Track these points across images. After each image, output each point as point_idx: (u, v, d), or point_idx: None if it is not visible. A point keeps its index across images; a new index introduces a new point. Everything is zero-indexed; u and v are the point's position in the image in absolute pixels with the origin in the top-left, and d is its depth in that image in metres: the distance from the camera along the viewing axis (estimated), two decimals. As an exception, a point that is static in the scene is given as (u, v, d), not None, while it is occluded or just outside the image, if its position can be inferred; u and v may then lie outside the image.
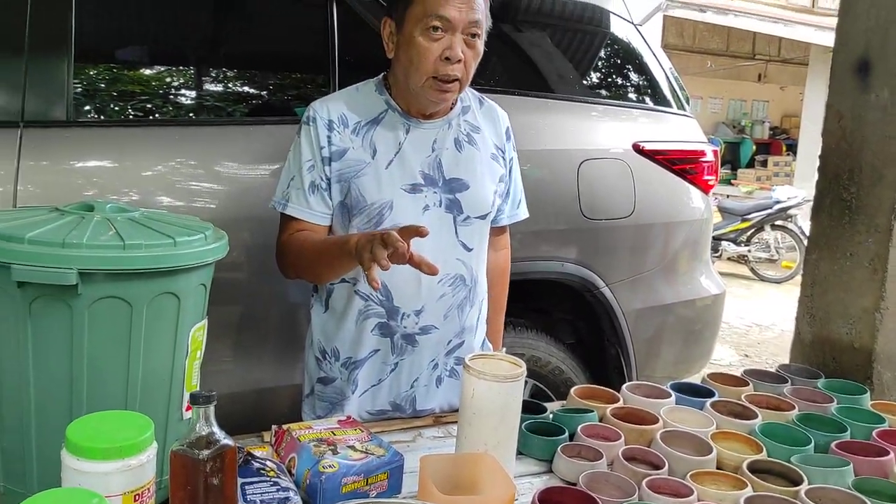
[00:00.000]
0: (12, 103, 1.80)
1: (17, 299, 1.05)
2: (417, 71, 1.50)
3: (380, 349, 1.62)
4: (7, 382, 1.09)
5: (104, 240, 1.07)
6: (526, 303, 2.63)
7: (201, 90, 2.25)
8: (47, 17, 1.84)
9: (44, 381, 1.08)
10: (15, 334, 1.06)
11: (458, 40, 1.48)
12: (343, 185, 1.55)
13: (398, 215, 1.55)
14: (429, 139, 1.60)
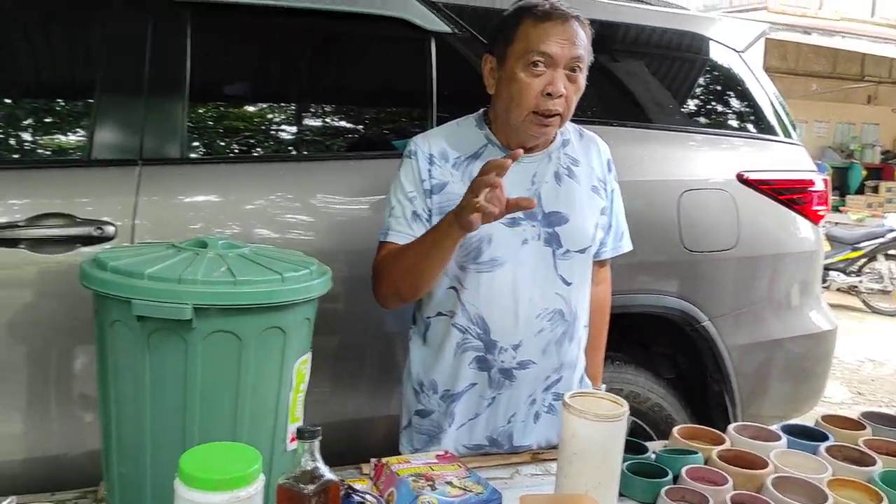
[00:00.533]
0: (132, 142, 1.90)
1: (136, 332, 1.10)
2: (519, 106, 1.50)
3: (477, 383, 1.61)
4: (126, 411, 1.14)
5: (217, 276, 1.12)
6: (624, 337, 2.57)
7: (301, 125, 2.33)
8: (165, 61, 1.95)
9: (159, 411, 1.13)
10: (134, 365, 1.12)
11: (559, 76, 1.48)
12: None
13: (497, 248, 1.55)
14: (528, 173, 1.60)
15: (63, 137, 2.08)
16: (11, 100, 2.06)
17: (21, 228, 1.76)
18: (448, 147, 1.60)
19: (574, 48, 1.48)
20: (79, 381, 1.85)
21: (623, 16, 2.58)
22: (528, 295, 1.57)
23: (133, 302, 1.07)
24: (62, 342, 1.84)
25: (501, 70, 1.54)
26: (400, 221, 1.57)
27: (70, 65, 2.07)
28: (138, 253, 1.21)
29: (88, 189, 1.86)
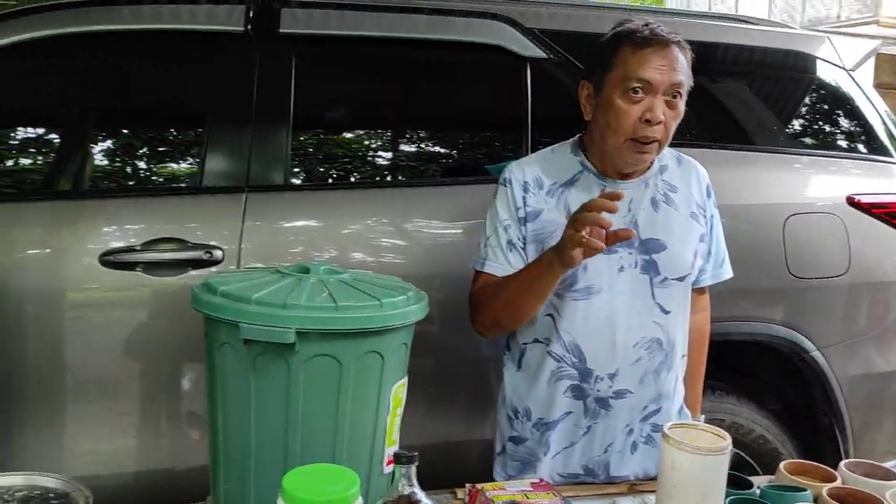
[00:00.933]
0: (239, 170, 1.99)
1: (243, 354, 1.15)
2: (616, 133, 1.49)
3: (572, 412, 1.59)
4: (233, 429, 1.19)
5: (319, 301, 1.16)
6: (726, 365, 2.49)
7: (398, 152, 2.38)
8: (271, 92, 2.04)
9: (263, 431, 1.17)
10: (241, 386, 1.17)
11: (658, 102, 1.46)
12: (538, 245, 1.56)
13: (592, 276, 1.54)
14: (625, 200, 1.57)
15: (176, 166, 2.20)
16: (130, 131, 2.20)
17: (137, 252, 1.87)
18: (543, 174, 1.60)
19: (674, 74, 1.46)
20: (188, 399, 1.94)
21: (724, 36, 2.53)
22: (625, 323, 1.54)
23: (240, 325, 1.12)
24: (173, 361, 1.93)
25: (598, 96, 1.53)
26: (496, 252, 1.58)
27: (184, 97, 2.19)
28: (245, 278, 1.26)
29: (199, 215, 1.96)
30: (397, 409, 1.27)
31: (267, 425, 1.16)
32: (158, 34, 2.08)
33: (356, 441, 1.19)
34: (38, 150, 2.23)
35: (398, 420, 1.28)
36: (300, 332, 1.11)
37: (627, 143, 1.49)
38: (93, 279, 1.87)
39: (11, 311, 1.84)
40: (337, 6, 2.16)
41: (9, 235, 1.87)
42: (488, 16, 2.24)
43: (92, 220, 1.91)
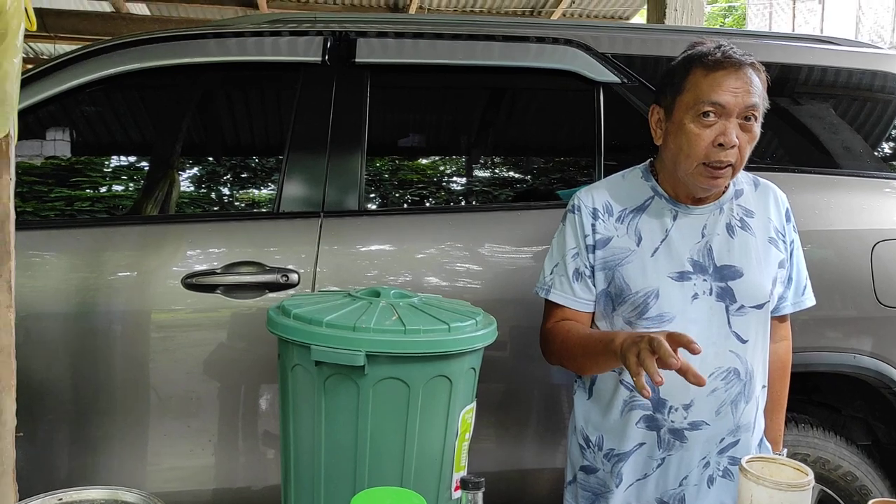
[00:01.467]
0: (315, 196, 2.05)
1: (314, 376, 1.17)
2: (688, 158, 1.46)
3: (645, 443, 1.55)
4: (303, 451, 1.21)
5: (388, 325, 1.17)
6: (811, 397, 2.39)
7: (471, 177, 2.40)
8: (346, 119, 2.09)
9: (332, 452, 1.19)
10: (311, 407, 1.19)
11: (732, 125, 1.42)
12: (607, 273, 1.54)
13: (664, 304, 1.50)
14: (698, 225, 1.54)
15: (255, 192, 2.28)
16: (213, 158, 2.30)
17: (217, 275, 1.93)
18: (612, 200, 1.58)
19: (748, 97, 1.42)
20: (265, 419, 1.98)
21: (807, 57, 2.46)
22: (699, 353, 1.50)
23: (312, 348, 1.15)
24: (251, 382, 1.98)
25: (669, 121, 1.51)
26: (562, 281, 1.57)
27: (264, 125, 2.27)
28: (318, 301, 1.29)
29: (276, 239, 2.02)
30: (465, 433, 1.26)
31: (336, 446, 1.18)
32: (241, 65, 2.16)
33: (424, 465, 1.20)
34: (128, 177, 2.34)
35: (466, 445, 1.28)
36: (369, 354, 1.13)
37: (700, 168, 1.45)
38: (176, 301, 1.95)
39: (100, 330, 1.92)
40: (413, 35, 2.20)
41: (100, 258, 1.96)
42: (562, 42, 2.24)
43: (176, 243, 1.99)
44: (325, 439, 1.18)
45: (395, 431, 1.17)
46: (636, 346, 1.23)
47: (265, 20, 2.32)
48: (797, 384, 2.29)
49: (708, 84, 1.43)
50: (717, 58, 1.44)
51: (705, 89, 1.43)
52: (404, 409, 1.17)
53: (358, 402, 1.16)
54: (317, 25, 2.21)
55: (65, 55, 2.10)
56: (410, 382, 1.16)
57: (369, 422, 1.16)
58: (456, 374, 1.21)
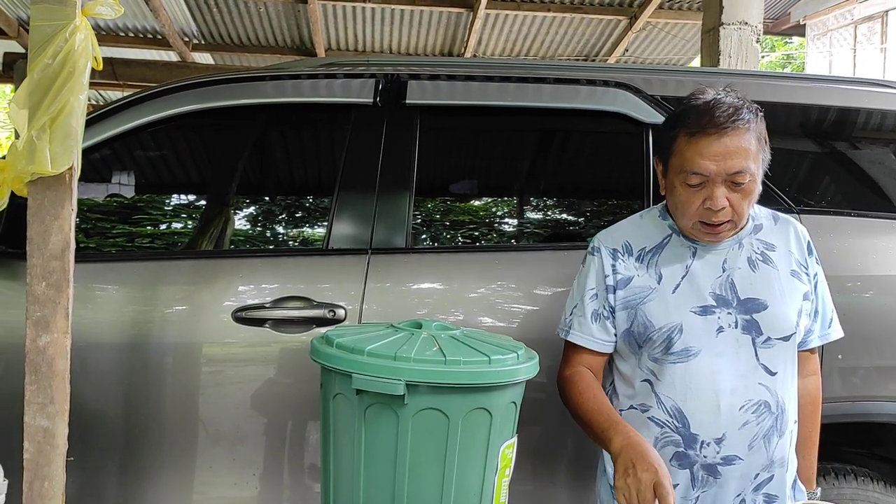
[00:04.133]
0: (363, 234, 2.07)
1: (355, 405, 1.18)
2: (683, 216, 1.51)
3: (679, 483, 1.52)
4: (342, 480, 1.21)
5: (429, 355, 1.17)
6: (871, 450, 2.29)
7: (521, 217, 2.40)
8: (395, 160, 2.13)
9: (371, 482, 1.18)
10: (351, 436, 1.19)
11: (718, 190, 1.44)
12: (629, 312, 1.55)
13: (689, 338, 1.50)
14: (718, 260, 1.55)
15: (305, 228, 2.32)
16: (267, 196, 2.35)
17: (266, 309, 1.97)
18: (631, 240, 1.60)
19: (731, 162, 1.42)
20: (308, 452, 1.99)
21: (864, 101, 2.42)
22: (729, 385, 1.48)
23: (353, 376, 1.15)
24: (297, 415, 2.00)
25: (665, 178, 1.55)
26: (582, 322, 1.59)
27: (316, 164, 2.33)
28: (361, 331, 1.30)
29: (324, 275, 2.04)
30: (506, 469, 1.25)
31: (375, 476, 1.17)
32: (296, 106, 2.22)
33: (463, 498, 1.19)
34: (187, 214, 2.41)
35: (507, 481, 1.26)
36: (410, 384, 1.13)
37: (697, 225, 1.49)
38: (226, 334, 1.98)
39: (152, 362, 1.96)
40: (464, 78, 2.24)
41: (154, 291, 2.01)
42: (611, 84, 2.25)
43: (228, 278, 2.04)
44: (364, 469, 1.18)
45: (434, 463, 1.17)
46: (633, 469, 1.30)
47: (321, 64, 2.39)
48: (856, 435, 2.20)
49: (690, 152, 1.44)
50: (700, 122, 1.44)
51: (688, 157, 1.44)
52: (443, 441, 1.16)
53: (397, 432, 1.16)
54: (371, 69, 2.27)
55: (128, 96, 2.19)
56: (450, 414, 1.16)
57: (408, 453, 1.16)
58: (496, 407, 1.20)
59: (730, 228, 1.50)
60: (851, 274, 2.08)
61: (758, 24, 4.79)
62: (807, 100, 2.37)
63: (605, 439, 1.42)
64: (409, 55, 8.77)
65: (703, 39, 5.03)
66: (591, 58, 8.60)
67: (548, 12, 7.88)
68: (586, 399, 1.51)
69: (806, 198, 2.25)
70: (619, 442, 1.36)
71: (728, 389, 1.49)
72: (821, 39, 12.69)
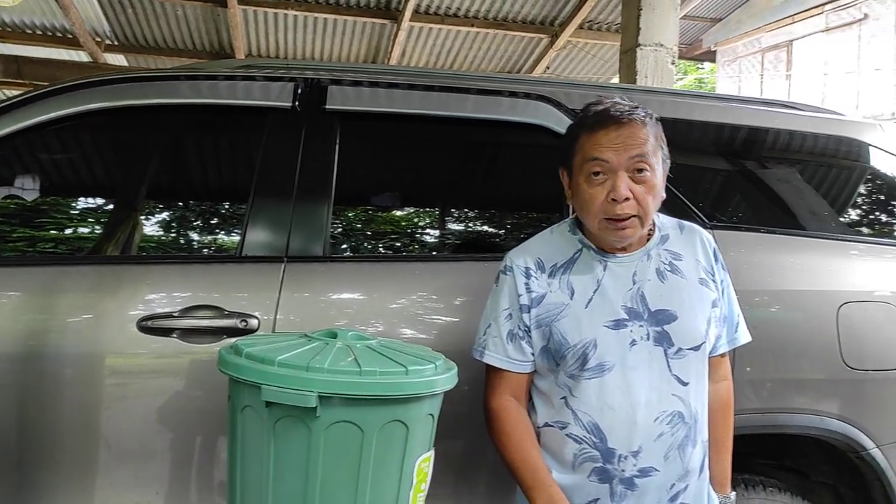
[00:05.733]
0: (279, 241, 2.01)
1: (264, 418, 1.12)
2: (589, 215, 1.51)
3: (599, 498, 1.52)
4: (250, 493, 1.15)
5: (343, 366, 1.13)
6: (779, 461, 2.35)
7: (442, 227, 2.38)
8: (314, 166, 2.07)
9: (281, 496, 1.13)
10: (260, 451, 1.14)
11: (621, 179, 1.46)
12: (544, 330, 1.55)
13: (603, 353, 1.51)
14: (628, 273, 1.56)
15: (218, 235, 2.23)
16: (178, 200, 2.26)
17: (175, 319, 1.87)
18: (543, 257, 1.60)
19: (630, 149, 1.46)
20: (217, 469, 1.90)
21: (772, 121, 2.50)
22: (643, 398, 1.50)
23: (262, 388, 1.10)
24: (206, 431, 1.90)
25: (571, 183, 1.56)
26: (496, 342, 1.58)
27: (231, 168, 2.25)
28: (272, 341, 1.25)
29: (237, 284, 1.97)
30: (422, 483, 1.21)
31: (285, 492, 1.12)
32: (211, 108, 2.14)
33: (376, 515, 1.14)
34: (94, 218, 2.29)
35: (423, 496, 1.22)
36: (322, 396, 1.08)
37: (604, 223, 1.50)
38: (131, 345, 1.88)
39: (52, 374, 1.84)
40: (387, 85, 2.21)
41: (53, 298, 1.89)
42: (533, 97, 2.26)
43: (134, 285, 1.93)
44: (272, 486, 1.12)
45: (347, 478, 1.12)
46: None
47: (239, 65, 2.32)
48: (766, 447, 2.26)
49: (590, 144, 1.49)
50: (597, 118, 1.50)
51: (588, 149, 1.49)
52: (357, 455, 1.12)
53: (309, 446, 1.10)
54: (291, 72, 2.21)
55: (30, 91, 2.06)
56: (364, 427, 1.11)
57: (320, 468, 1.11)
58: (413, 420, 1.16)
59: (636, 225, 1.50)
60: (760, 288, 2.13)
61: (673, 46, 4.95)
62: (721, 118, 2.44)
63: (528, 498, 1.46)
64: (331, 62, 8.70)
65: (621, 59, 5.16)
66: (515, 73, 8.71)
67: (471, 27, 7.96)
68: (513, 445, 1.53)
69: (719, 214, 2.31)
70: (544, 498, 1.42)
71: (643, 402, 1.49)
72: (731, 65, 13.25)
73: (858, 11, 10.79)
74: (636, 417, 1.48)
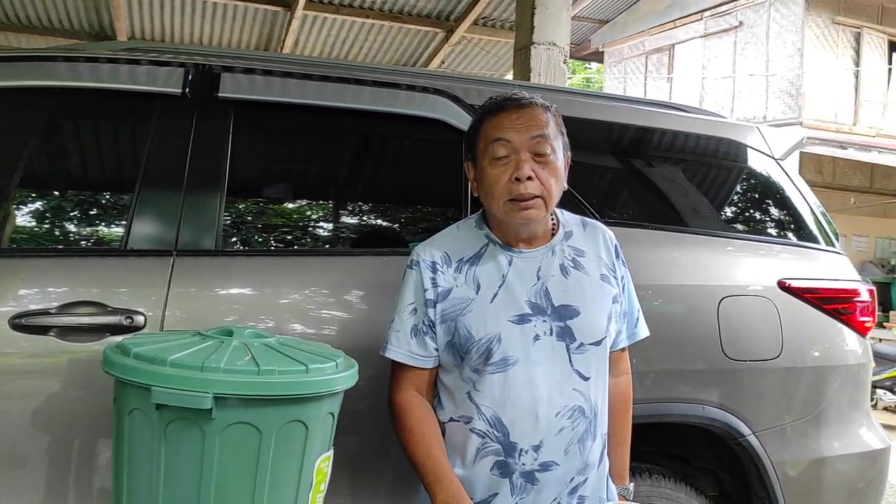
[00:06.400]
0: (168, 234, 1.92)
1: (154, 421, 1.06)
2: (494, 198, 1.53)
3: (499, 492, 1.54)
4: (138, 500, 1.09)
5: (240, 365, 1.09)
6: (663, 449, 2.45)
7: (337, 221, 2.34)
8: (206, 156, 1.99)
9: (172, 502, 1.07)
10: (149, 456, 1.08)
11: (524, 159, 1.50)
12: (449, 324, 1.55)
13: (507, 347, 1.52)
14: (533, 268, 1.59)
15: (101, 227, 2.11)
16: (56, 189, 2.12)
17: (52, 316, 1.76)
18: (450, 251, 1.61)
19: (531, 129, 1.51)
20: (100, 473, 1.80)
21: (657, 121, 2.59)
22: (545, 393, 1.52)
23: (153, 389, 1.04)
24: (86, 434, 1.80)
25: (477, 171, 1.59)
26: (399, 337, 1.58)
27: (115, 156, 2.13)
28: (163, 340, 1.19)
29: (121, 278, 1.87)
30: (321, 484, 1.18)
31: (176, 498, 1.06)
32: (93, 92, 2.02)
33: (274, 518, 1.11)
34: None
35: (321, 497, 1.20)
36: (218, 397, 1.04)
37: (508, 205, 1.52)
38: (2, 343, 1.75)
39: None
40: (282, 74, 2.14)
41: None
42: (431, 90, 2.25)
43: (7, 280, 1.80)
44: (163, 492, 1.07)
45: (244, 482, 1.08)
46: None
47: (123, 48, 2.19)
48: (651, 436, 2.35)
49: (493, 126, 1.54)
50: (499, 102, 1.56)
51: (491, 131, 1.53)
52: (255, 457, 1.08)
53: (203, 450, 1.06)
54: (180, 57, 2.11)
55: None
56: (263, 428, 1.07)
57: (214, 471, 1.06)
58: (313, 420, 1.13)
59: (540, 207, 1.52)
60: (645, 283, 2.19)
61: (565, 45, 5.07)
62: (611, 118, 2.51)
63: (430, 492, 1.46)
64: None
65: (515, 57, 5.24)
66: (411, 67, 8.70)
67: (367, 18, 7.88)
68: (415, 440, 1.52)
69: (610, 210, 2.38)
70: (444, 499, 1.42)
71: (545, 397, 1.52)
72: (617, 66, 13.72)
73: (734, 19, 11.40)
74: (538, 412, 1.50)
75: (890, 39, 10.82)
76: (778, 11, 10.67)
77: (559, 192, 1.57)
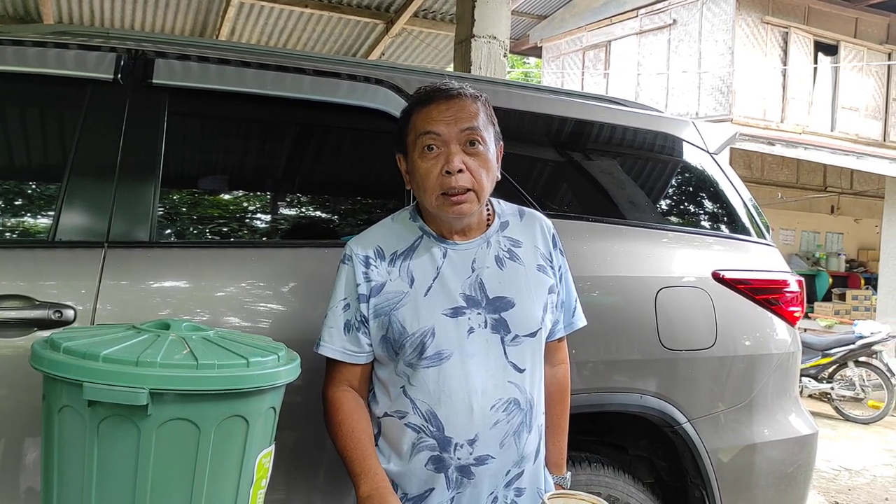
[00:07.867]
0: (99, 225, 1.85)
1: (86, 418, 1.02)
2: (425, 192, 1.51)
3: (434, 488, 1.53)
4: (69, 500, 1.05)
5: (178, 359, 1.05)
6: (602, 437, 2.49)
7: (276, 213, 2.30)
8: (139, 143, 1.93)
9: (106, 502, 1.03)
10: (81, 455, 1.03)
11: (454, 152, 1.48)
12: (383, 319, 1.53)
13: (441, 341, 1.51)
14: (467, 260, 1.57)
15: (27, 217, 2.02)
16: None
17: (-26, 310, 1.68)
18: (383, 245, 1.59)
19: (461, 122, 1.49)
20: (27, 474, 1.73)
21: (596, 115, 2.63)
22: (480, 386, 1.51)
23: (84, 385, 1.00)
24: (11, 433, 1.72)
25: (408, 164, 1.56)
26: (332, 334, 1.56)
27: (41, 144, 2.04)
28: (95, 334, 1.14)
29: (49, 271, 1.79)
30: (262, 480, 1.16)
31: (110, 497, 1.02)
32: (18, 76, 1.93)
33: (213, 516, 1.08)
34: None
35: (262, 493, 1.17)
36: (154, 392, 1.00)
37: (440, 199, 1.50)
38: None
39: None
40: (218, 61, 2.09)
41: None
42: (372, 81, 2.23)
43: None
44: (95, 493, 1.02)
45: (182, 479, 1.04)
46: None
47: (51, 31, 2.10)
48: (589, 425, 2.39)
49: (422, 119, 1.51)
50: (427, 93, 1.53)
51: (420, 123, 1.51)
52: (193, 455, 1.04)
53: (138, 448, 1.02)
54: (111, 41, 2.04)
55: None
56: (201, 424, 1.04)
57: (150, 470, 1.02)
58: (254, 414, 1.10)
59: (472, 200, 1.50)
60: (583, 274, 2.22)
61: (505, 39, 5.09)
62: (551, 110, 2.53)
63: (355, 485, 1.43)
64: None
65: (455, 49, 5.23)
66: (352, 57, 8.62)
67: (305, 8, 7.76)
68: (344, 434, 1.50)
69: (549, 202, 2.40)
70: (367, 490, 1.40)
71: (479, 390, 1.51)
72: (555, 61, 13.86)
73: (668, 17, 11.63)
74: (473, 405, 1.49)
75: (816, 39, 11.20)
76: (710, 10, 10.93)
77: (491, 184, 1.56)
